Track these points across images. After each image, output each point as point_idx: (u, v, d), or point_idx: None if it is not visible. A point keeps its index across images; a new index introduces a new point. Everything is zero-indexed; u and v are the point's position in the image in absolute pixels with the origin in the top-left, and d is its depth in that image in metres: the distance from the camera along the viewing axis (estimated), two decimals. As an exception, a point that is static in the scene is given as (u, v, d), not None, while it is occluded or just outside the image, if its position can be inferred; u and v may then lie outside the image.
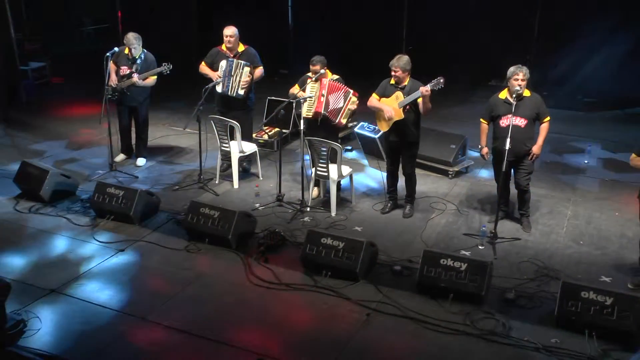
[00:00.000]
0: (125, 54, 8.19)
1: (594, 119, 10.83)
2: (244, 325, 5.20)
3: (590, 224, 7.00)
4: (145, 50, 8.25)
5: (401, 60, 6.61)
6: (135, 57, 8.14)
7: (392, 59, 6.66)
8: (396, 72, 6.62)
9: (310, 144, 7.03)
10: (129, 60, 8.17)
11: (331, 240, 5.88)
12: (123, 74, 8.13)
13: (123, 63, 8.17)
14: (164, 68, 8.02)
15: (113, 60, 8.21)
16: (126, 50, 8.19)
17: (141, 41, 8.18)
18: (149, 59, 8.21)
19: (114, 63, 8.24)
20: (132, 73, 8.08)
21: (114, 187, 7.03)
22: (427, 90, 6.35)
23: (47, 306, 5.36)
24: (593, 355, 4.80)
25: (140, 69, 8.12)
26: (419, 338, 5.06)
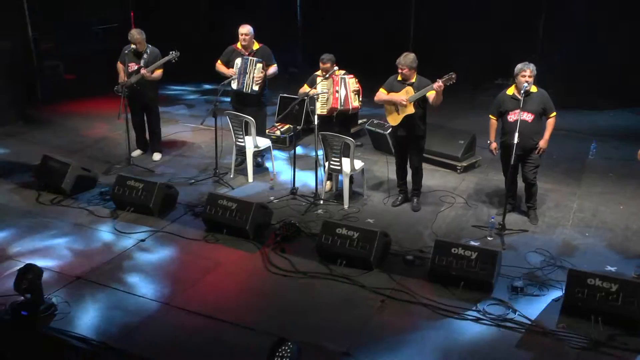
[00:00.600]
0: (131, 51, 8.39)
1: (599, 116, 11.02)
2: (264, 310, 5.43)
3: (595, 217, 7.21)
4: (150, 45, 8.45)
5: (407, 58, 6.83)
6: (140, 52, 8.35)
7: (399, 57, 6.87)
8: (402, 69, 6.83)
9: (324, 138, 7.25)
10: (134, 56, 8.38)
11: (346, 230, 6.11)
12: (131, 70, 8.34)
13: (130, 60, 8.38)
14: (172, 56, 8.20)
15: (120, 60, 8.46)
16: (132, 48, 8.39)
17: (145, 36, 8.37)
18: (154, 53, 8.41)
19: (121, 62, 8.47)
20: (140, 68, 8.28)
21: (134, 179, 7.26)
22: (439, 84, 6.57)
23: (74, 292, 5.59)
24: (599, 339, 5.02)
25: (147, 63, 8.32)
26: (431, 323, 5.28)
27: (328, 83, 7.35)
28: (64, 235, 6.66)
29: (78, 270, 5.95)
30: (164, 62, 8.26)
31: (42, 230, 6.74)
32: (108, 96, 10.27)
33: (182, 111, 10.99)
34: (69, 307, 5.34)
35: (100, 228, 6.84)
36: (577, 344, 4.99)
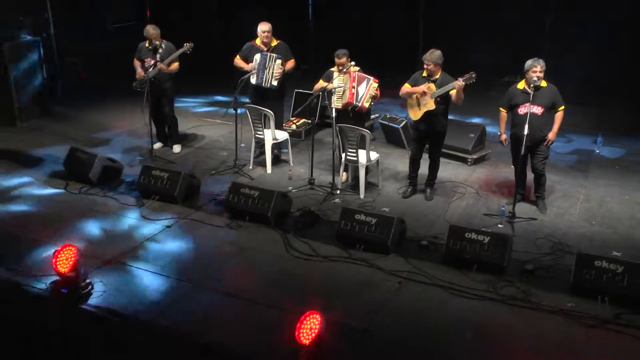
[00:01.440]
0: (147, 46, 8.68)
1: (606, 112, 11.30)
2: (287, 290, 5.74)
3: (601, 207, 7.51)
4: (164, 40, 8.75)
5: (434, 54, 7.12)
6: (156, 47, 8.64)
7: (426, 53, 7.17)
8: (428, 65, 7.13)
9: (340, 130, 7.56)
10: (150, 51, 8.67)
11: (364, 216, 6.42)
12: (148, 65, 8.63)
13: (145, 55, 8.68)
14: (186, 47, 8.46)
15: (136, 56, 8.78)
16: (147, 43, 8.69)
17: (159, 31, 8.65)
18: (169, 47, 8.68)
19: (138, 59, 8.78)
20: (157, 62, 8.59)
21: (159, 169, 7.59)
22: (460, 83, 6.87)
23: (108, 273, 5.91)
24: (606, 317, 5.32)
25: (163, 57, 8.59)
26: (447, 302, 5.59)
27: (344, 78, 7.65)
28: (94, 221, 6.97)
29: (109, 253, 6.26)
30: (179, 54, 8.54)
31: (72, 217, 7.05)
32: (126, 92, 10.64)
33: (198, 106, 11.31)
34: (104, 287, 5.66)
35: (127, 215, 7.15)
36: (585, 322, 5.29)
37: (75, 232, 6.71)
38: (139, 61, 8.73)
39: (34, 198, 7.52)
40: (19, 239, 6.48)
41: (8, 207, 7.27)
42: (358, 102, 7.63)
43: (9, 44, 9.71)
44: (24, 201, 7.43)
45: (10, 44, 9.73)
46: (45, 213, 7.15)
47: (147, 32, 8.57)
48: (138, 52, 8.76)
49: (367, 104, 7.70)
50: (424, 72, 7.29)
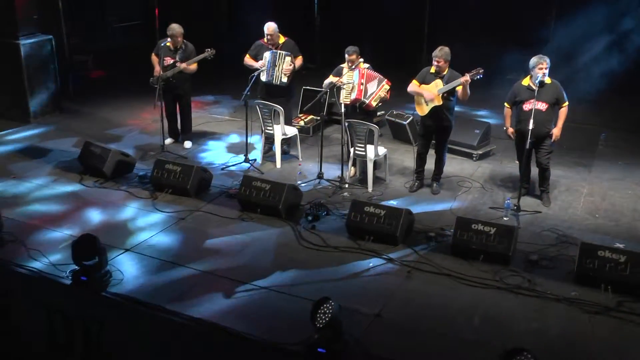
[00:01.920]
0: (167, 45, 8.86)
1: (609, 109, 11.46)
2: (300, 278, 5.93)
3: (605, 200, 7.68)
4: (185, 40, 8.94)
5: (443, 51, 7.29)
6: (177, 47, 8.83)
7: (435, 50, 7.34)
8: (439, 62, 7.30)
9: (349, 125, 7.74)
10: (170, 50, 8.85)
11: (373, 208, 6.60)
12: (167, 64, 8.82)
13: (166, 54, 8.85)
14: (208, 53, 8.69)
15: (155, 52, 8.96)
16: (168, 43, 8.87)
17: (183, 31, 8.82)
18: (189, 48, 8.87)
19: (156, 55, 8.96)
20: (176, 62, 8.77)
21: (172, 163, 7.77)
22: (466, 79, 7.05)
23: (125, 262, 6.10)
24: (609, 305, 5.49)
25: (182, 58, 8.79)
26: (455, 290, 5.78)
27: (354, 74, 7.82)
28: (109, 212, 7.16)
29: (125, 243, 6.45)
30: (200, 58, 8.73)
31: (88, 209, 7.25)
32: (135, 90, 10.96)
33: (207, 104, 11.49)
34: (122, 275, 5.85)
35: (141, 207, 7.34)
36: (589, 309, 5.46)
37: (92, 223, 6.90)
38: (157, 57, 8.90)
39: (49, 192, 7.70)
40: (39, 230, 6.69)
41: (26, 200, 7.46)
42: (366, 99, 7.80)
43: (25, 42, 9.87)
44: (41, 194, 7.61)
45: (25, 41, 9.88)
46: (61, 205, 7.34)
47: (173, 30, 8.70)
48: (157, 48, 8.92)
49: (374, 102, 7.87)
50: (431, 68, 7.47)
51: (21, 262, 6.01)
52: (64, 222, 6.90)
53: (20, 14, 9.82)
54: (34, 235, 6.59)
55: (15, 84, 10.04)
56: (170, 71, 8.69)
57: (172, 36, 8.72)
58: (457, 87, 7.27)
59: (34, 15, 10.08)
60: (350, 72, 7.84)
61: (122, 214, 7.16)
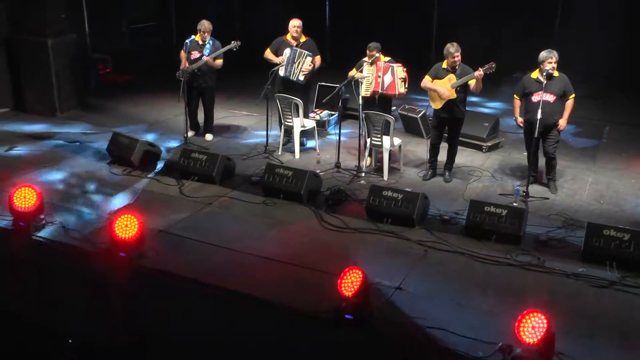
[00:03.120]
0: (196, 40, 9.29)
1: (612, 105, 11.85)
2: (323, 256, 6.33)
3: (609, 188, 8.08)
4: (212, 37, 9.36)
5: (457, 46, 7.69)
6: (205, 42, 9.25)
7: (448, 47, 7.73)
8: (456, 57, 7.69)
9: (366, 117, 8.15)
10: (199, 45, 9.28)
11: (391, 192, 7.01)
12: (194, 58, 9.25)
13: (193, 48, 9.26)
14: (233, 45, 9.06)
15: (183, 49, 9.39)
16: (197, 37, 9.30)
17: (212, 27, 9.26)
18: (216, 44, 9.29)
19: (184, 51, 9.39)
20: (202, 56, 9.19)
21: (198, 152, 8.20)
22: (480, 73, 7.47)
23: (160, 242, 6.51)
24: (613, 280, 5.89)
25: (209, 53, 9.22)
26: (469, 267, 6.18)
27: (372, 68, 8.24)
28: (139, 199, 7.57)
29: (157, 225, 6.85)
30: (225, 50, 9.12)
31: (119, 194, 7.66)
32: (154, 87, 11.45)
33: (226, 99, 11.92)
34: (158, 255, 6.26)
35: (169, 194, 7.75)
36: (595, 284, 5.87)
37: (125, 206, 7.32)
38: (185, 53, 9.32)
39: (80, 179, 8.13)
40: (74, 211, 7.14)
41: (59, 186, 7.89)
42: (382, 91, 8.21)
43: (53, 40, 10.30)
44: (72, 180, 8.07)
45: (54, 39, 10.32)
46: (94, 192, 7.77)
47: (202, 25, 9.13)
48: (185, 45, 9.32)
49: (402, 89, 8.20)
50: (443, 63, 7.88)
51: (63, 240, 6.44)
52: (98, 205, 7.33)
53: (50, 13, 10.23)
54: (71, 216, 7.01)
55: (44, 79, 10.47)
56: (196, 64, 9.10)
57: (201, 31, 9.13)
58: (470, 80, 7.67)
59: (62, 14, 10.49)
60: (370, 66, 8.24)
61: (151, 200, 7.55)
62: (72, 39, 10.82)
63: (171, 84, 9.58)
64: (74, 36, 10.86)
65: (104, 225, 6.69)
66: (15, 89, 10.78)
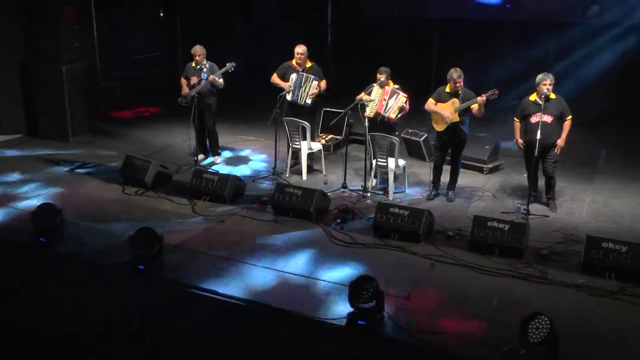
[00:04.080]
0: (193, 66, 9.64)
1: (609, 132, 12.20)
2: (332, 267, 6.61)
3: (607, 207, 8.38)
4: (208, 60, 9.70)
5: (459, 72, 8.07)
6: (200, 66, 9.57)
7: (452, 72, 8.10)
8: (458, 83, 8.06)
9: (372, 138, 8.48)
10: (196, 70, 9.62)
11: (398, 209, 7.30)
12: (193, 84, 9.60)
13: (192, 73, 9.64)
14: (229, 66, 9.39)
15: (183, 75, 9.76)
16: (193, 64, 9.66)
17: (205, 52, 9.59)
18: (212, 66, 9.60)
19: (184, 78, 9.76)
20: (201, 80, 9.53)
21: (210, 172, 8.50)
22: (483, 99, 7.82)
23: (180, 257, 6.79)
24: (613, 290, 6.15)
25: (206, 76, 9.53)
26: (474, 279, 6.45)
27: (380, 91, 8.59)
28: (153, 218, 7.82)
29: (174, 241, 7.11)
30: (223, 71, 9.47)
31: (132, 215, 7.92)
32: (163, 114, 11.78)
33: (232, 124, 12.28)
34: (176, 268, 6.53)
35: (181, 212, 8.03)
36: (595, 293, 6.13)
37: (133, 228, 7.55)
38: (185, 79, 9.69)
39: (97, 199, 8.41)
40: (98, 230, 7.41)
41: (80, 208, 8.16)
42: (385, 113, 8.55)
43: (66, 67, 10.69)
44: (91, 200, 8.35)
45: (67, 66, 10.70)
46: (109, 211, 8.03)
47: (195, 51, 9.49)
48: (185, 71, 9.72)
49: (393, 115, 8.60)
50: (446, 87, 8.24)
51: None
52: (115, 222, 7.59)
53: (64, 41, 10.62)
54: (90, 234, 7.28)
55: (57, 105, 10.81)
56: (195, 88, 9.45)
57: (195, 55, 9.50)
58: (472, 105, 8.02)
59: (76, 43, 10.89)
60: (379, 89, 8.60)
61: (164, 218, 7.82)
62: (84, 67, 11.21)
63: (178, 110, 9.91)
64: (85, 64, 11.24)
65: (121, 240, 6.92)
66: (29, 115, 11.11)
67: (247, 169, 9.82)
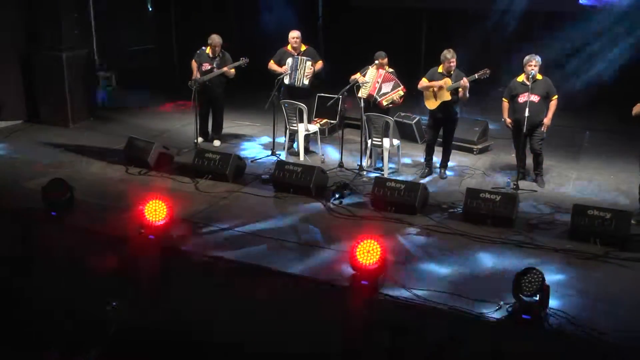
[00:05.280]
0: (207, 53, 9.96)
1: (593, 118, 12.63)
2: (335, 237, 6.96)
3: (591, 183, 8.80)
4: (223, 50, 10.06)
5: (453, 52, 8.43)
6: (215, 55, 9.93)
7: (445, 53, 8.45)
8: (452, 63, 8.42)
9: (368, 118, 8.83)
10: (209, 57, 9.96)
11: (394, 183, 7.66)
12: (205, 70, 9.92)
13: (205, 60, 9.95)
14: (242, 62, 9.77)
15: (195, 59, 10.06)
16: (207, 50, 9.96)
17: (222, 41, 9.96)
18: (226, 56, 9.98)
19: (196, 62, 10.06)
20: (213, 68, 9.86)
21: (212, 152, 8.81)
22: (465, 81, 8.26)
23: (182, 227, 7.10)
24: (597, 253, 6.57)
25: (219, 65, 9.89)
26: (468, 245, 6.84)
27: (375, 73, 8.92)
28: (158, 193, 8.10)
29: (181, 215, 7.40)
30: (236, 65, 9.80)
31: (140, 192, 8.19)
32: (158, 102, 12.12)
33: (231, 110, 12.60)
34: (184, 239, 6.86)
35: (185, 189, 8.33)
36: (581, 257, 6.53)
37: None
38: (197, 64, 9.99)
39: (102, 179, 8.71)
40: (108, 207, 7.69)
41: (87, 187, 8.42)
42: (377, 96, 8.90)
43: (67, 54, 10.92)
44: (98, 181, 8.65)
45: (67, 53, 10.94)
46: (114, 190, 8.33)
47: (213, 40, 9.81)
48: (198, 56, 10.01)
49: (385, 102, 8.93)
50: (439, 67, 8.60)
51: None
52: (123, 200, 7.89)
53: (64, 29, 10.87)
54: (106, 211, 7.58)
55: (57, 92, 11.05)
56: (208, 75, 9.75)
57: (212, 45, 9.81)
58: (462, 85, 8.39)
59: (75, 30, 11.13)
60: (374, 70, 8.94)
61: (170, 194, 8.05)
62: (84, 54, 11.46)
63: (175, 98, 10.17)
64: (85, 51, 11.49)
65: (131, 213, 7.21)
66: (29, 101, 11.33)
67: (245, 152, 10.12)
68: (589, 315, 5.51)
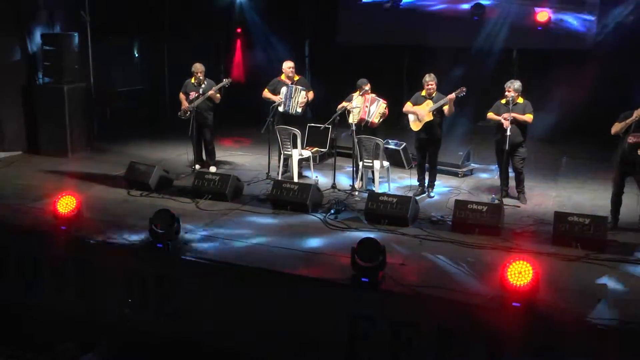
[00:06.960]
0: (192, 82, 10.49)
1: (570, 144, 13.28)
2: (332, 246, 7.37)
3: (570, 199, 9.35)
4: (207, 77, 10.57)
5: (433, 76, 9.06)
6: (200, 82, 10.42)
7: (425, 77, 9.10)
8: (432, 85, 9.04)
9: (359, 140, 9.34)
10: (195, 86, 10.47)
11: (387, 197, 8.14)
12: (192, 98, 10.42)
13: (191, 89, 10.47)
14: (225, 82, 10.31)
15: (182, 91, 10.58)
16: (192, 80, 10.50)
17: (204, 69, 10.48)
18: (210, 82, 10.49)
19: (183, 93, 10.57)
20: (199, 95, 10.36)
21: (211, 173, 9.24)
22: (452, 97, 8.81)
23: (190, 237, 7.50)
24: (579, 255, 7.05)
25: (205, 90, 10.37)
26: (459, 252, 7.27)
27: (361, 99, 9.50)
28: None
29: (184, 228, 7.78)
30: (220, 86, 10.33)
31: (142, 212, 8.56)
32: (152, 138, 12.67)
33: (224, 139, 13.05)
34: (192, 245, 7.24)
35: (187, 208, 8.70)
36: (564, 259, 7.01)
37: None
38: (185, 95, 10.49)
39: (106, 201, 9.06)
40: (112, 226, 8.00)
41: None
42: (369, 118, 9.45)
43: (68, 87, 11.40)
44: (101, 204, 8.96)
45: (68, 86, 11.41)
46: (120, 209, 8.69)
47: (195, 68, 10.36)
48: (184, 87, 10.53)
49: (376, 120, 9.50)
50: (422, 92, 9.20)
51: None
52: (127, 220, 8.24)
53: (66, 63, 11.36)
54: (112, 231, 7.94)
55: (58, 122, 11.46)
56: (195, 102, 10.25)
57: (195, 72, 10.35)
58: (444, 105, 8.97)
59: (76, 65, 11.63)
60: (360, 97, 9.51)
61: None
62: (83, 87, 11.92)
63: (169, 131, 10.59)
64: (84, 84, 11.96)
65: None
66: (29, 132, 11.71)
67: (242, 175, 10.52)
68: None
